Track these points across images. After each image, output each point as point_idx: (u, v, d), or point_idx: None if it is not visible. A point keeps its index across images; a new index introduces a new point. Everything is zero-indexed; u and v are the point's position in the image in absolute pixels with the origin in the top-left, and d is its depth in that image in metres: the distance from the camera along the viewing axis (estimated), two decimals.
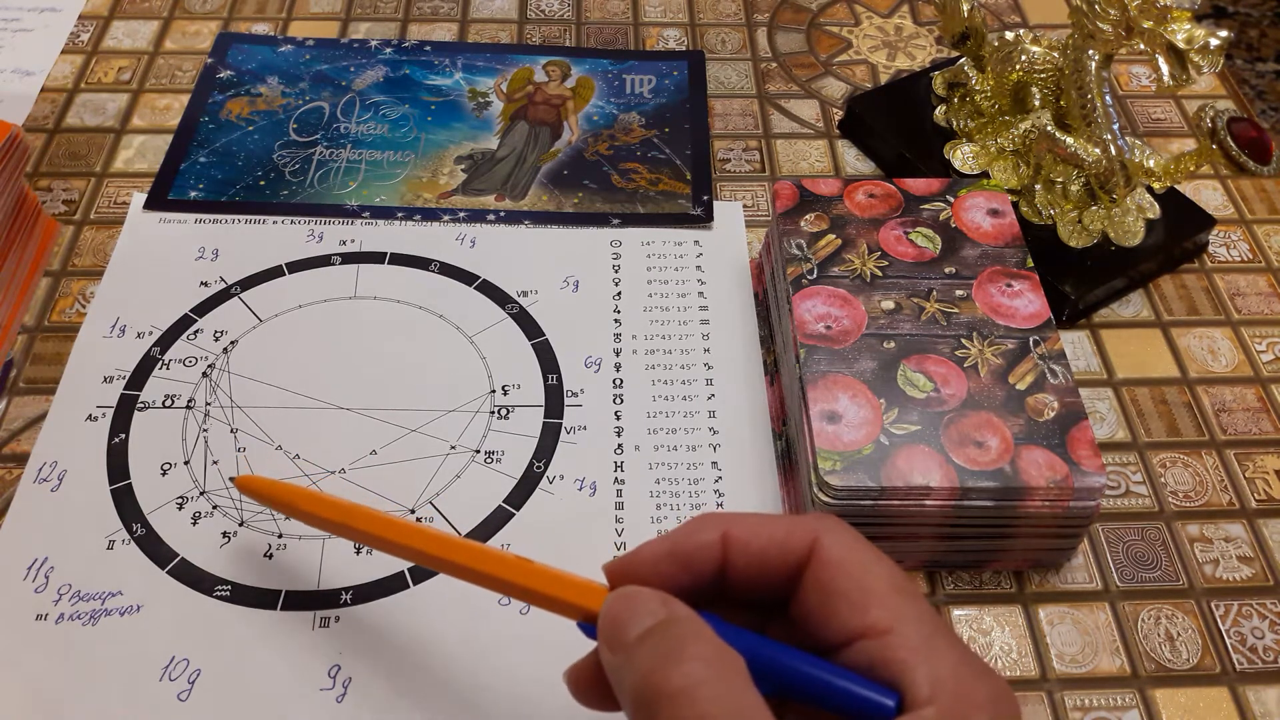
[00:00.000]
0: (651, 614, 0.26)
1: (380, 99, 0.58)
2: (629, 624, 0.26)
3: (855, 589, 0.26)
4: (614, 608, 0.27)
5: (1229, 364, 0.48)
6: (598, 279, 0.50)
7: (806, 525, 0.28)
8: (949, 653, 0.25)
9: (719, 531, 0.28)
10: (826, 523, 0.28)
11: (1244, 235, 0.54)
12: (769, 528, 0.28)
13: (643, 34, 0.64)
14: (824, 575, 0.27)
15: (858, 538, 0.28)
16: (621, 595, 0.27)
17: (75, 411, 0.44)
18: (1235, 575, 0.41)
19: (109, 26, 0.63)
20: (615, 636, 0.27)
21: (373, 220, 0.52)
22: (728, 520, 0.28)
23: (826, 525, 0.28)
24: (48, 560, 0.39)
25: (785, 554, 0.27)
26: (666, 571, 0.28)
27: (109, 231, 0.51)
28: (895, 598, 0.26)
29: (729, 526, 0.28)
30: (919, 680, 0.24)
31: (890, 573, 0.27)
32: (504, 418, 0.44)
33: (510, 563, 0.30)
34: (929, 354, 0.41)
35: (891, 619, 0.25)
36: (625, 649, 0.26)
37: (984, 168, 0.53)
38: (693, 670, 0.24)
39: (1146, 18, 0.43)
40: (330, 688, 0.37)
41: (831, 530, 0.27)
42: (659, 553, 0.28)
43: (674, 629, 0.26)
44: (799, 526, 0.28)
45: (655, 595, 0.27)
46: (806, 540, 0.27)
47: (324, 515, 0.34)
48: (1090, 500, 0.38)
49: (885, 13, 0.66)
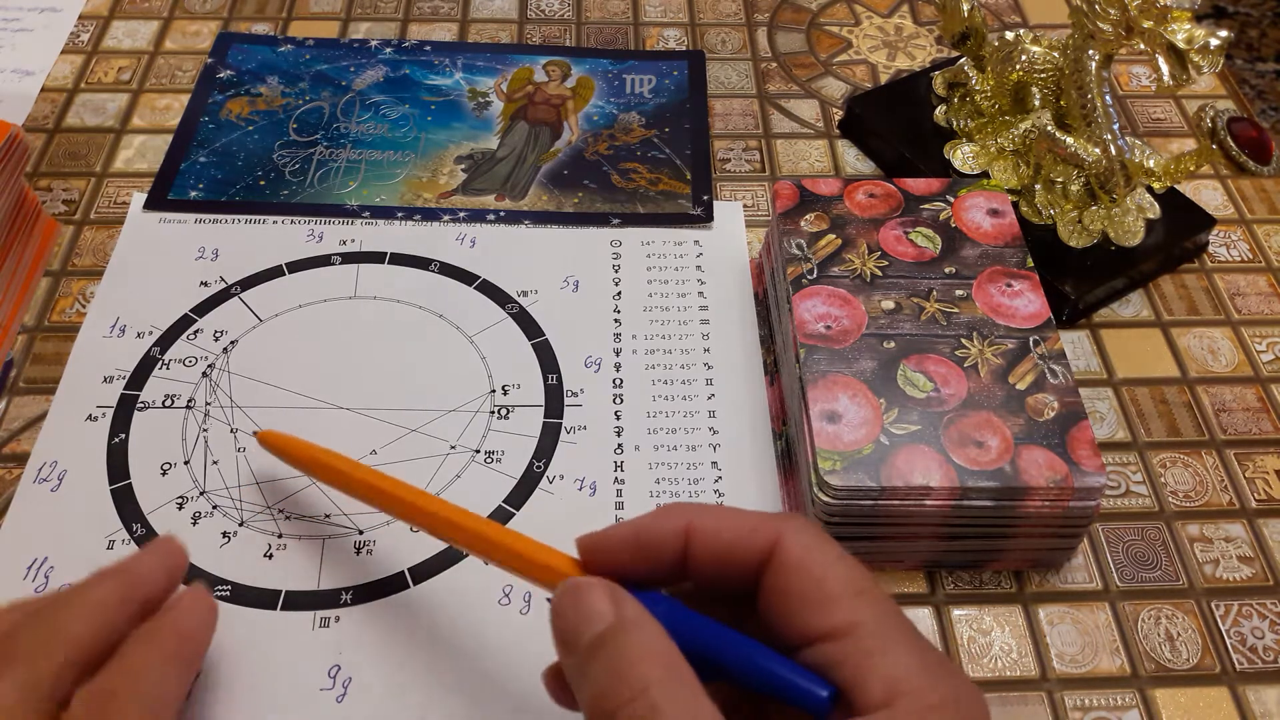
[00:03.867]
0: (600, 616, 0.26)
1: (380, 99, 0.58)
2: (579, 626, 0.26)
3: (814, 591, 0.26)
4: (562, 603, 0.27)
5: (1229, 364, 0.48)
6: (598, 279, 0.50)
7: (770, 524, 0.27)
8: (907, 654, 0.25)
9: (683, 522, 0.28)
10: (791, 523, 0.28)
11: (1244, 235, 0.54)
12: (733, 523, 0.28)
13: (643, 34, 0.64)
14: (783, 577, 0.27)
15: (821, 538, 0.27)
16: (570, 590, 0.27)
17: (75, 411, 0.44)
18: (1235, 575, 0.41)
19: (109, 26, 0.63)
20: (566, 637, 0.27)
21: (373, 220, 0.52)
22: (694, 511, 0.28)
23: (791, 525, 0.27)
24: (48, 560, 0.39)
25: (747, 551, 0.27)
26: (627, 557, 0.28)
27: (109, 231, 0.51)
28: (854, 600, 0.26)
29: (694, 518, 0.28)
30: (873, 683, 0.24)
31: (851, 574, 0.26)
32: (504, 418, 0.44)
33: (493, 526, 0.32)
34: (929, 354, 0.41)
35: (849, 622, 0.25)
36: (577, 653, 0.26)
37: (984, 168, 0.53)
38: (650, 696, 0.24)
39: (1146, 18, 0.43)
40: (330, 688, 0.37)
41: (794, 531, 0.27)
42: (623, 537, 0.28)
43: (625, 642, 0.25)
44: (763, 525, 0.28)
45: (604, 591, 0.27)
46: (769, 539, 0.27)
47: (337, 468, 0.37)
48: (1090, 500, 0.38)
49: (885, 13, 0.66)
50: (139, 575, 0.33)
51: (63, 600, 0.31)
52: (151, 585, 0.33)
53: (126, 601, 0.32)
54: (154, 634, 0.32)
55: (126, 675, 0.30)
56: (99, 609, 0.31)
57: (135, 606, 0.32)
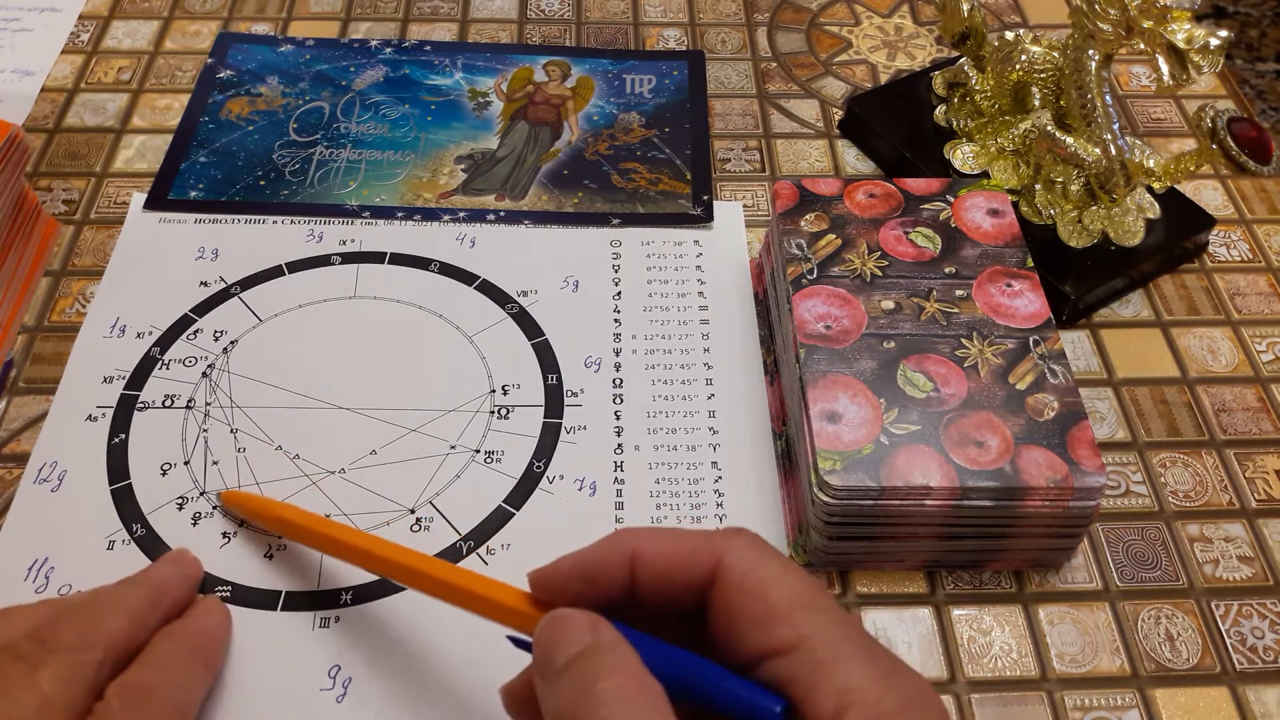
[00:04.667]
0: (577, 641, 0.26)
1: (380, 99, 0.58)
2: (555, 651, 0.26)
3: (758, 608, 0.26)
4: (544, 633, 0.27)
5: (1229, 364, 0.48)
6: (598, 279, 0.50)
7: (713, 543, 0.27)
8: (857, 663, 0.25)
9: (628, 549, 0.28)
10: (734, 540, 0.28)
11: (1244, 235, 0.54)
12: (675, 547, 0.28)
13: (643, 34, 0.64)
14: (727, 596, 0.27)
15: (765, 552, 0.27)
16: (552, 619, 0.27)
17: (75, 411, 0.44)
18: (1235, 575, 0.41)
19: (109, 26, 0.63)
20: (543, 664, 0.27)
21: (373, 220, 0.52)
22: (638, 537, 0.28)
23: (734, 544, 0.27)
24: (48, 560, 0.39)
25: (691, 573, 0.27)
26: (575, 588, 0.28)
27: (109, 231, 0.51)
28: (799, 613, 0.26)
29: (638, 544, 0.28)
30: (823, 696, 0.24)
31: (796, 587, 0.26)
32: (504, 417, 0.44)
33: (445, 566, 0.32)
34: (929, 354, 0.41)
35: (795, 636, 0.25)
36: (552, 676, 0.26)
37: (984, 168, 0.53)
38: (604, 708, 0.24)
39: (1146, 18, 0.43)
40: (330, 688, 0.37)
41: (737, 549, 0.27)
42: (570, 568, 0.28)
43: (593, 661, 0.25)
44: (705, 545, 0.27)
45: (585, 619, 0.27)
46: (710, 561, 0.27)
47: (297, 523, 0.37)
48: (1090, 500, 0.38)
49: (885, 13, 0.66)
50: (162, 583, 0.35)
51: (98, 600, 0.33)
52: (174, 593, 0.35)
53: (155, 606, 0.34)
54: (180, 634, 0.34)
55: (158, 669, 0.32)
56: (132, 610, 0.33)
57: (161, 611, 0.34)
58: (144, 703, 0.31)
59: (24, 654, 0.30)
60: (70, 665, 0.30)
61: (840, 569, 0.41)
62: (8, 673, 0.30)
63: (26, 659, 0.30)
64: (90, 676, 0.30)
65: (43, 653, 0.30)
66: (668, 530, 0.29)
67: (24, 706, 0.29)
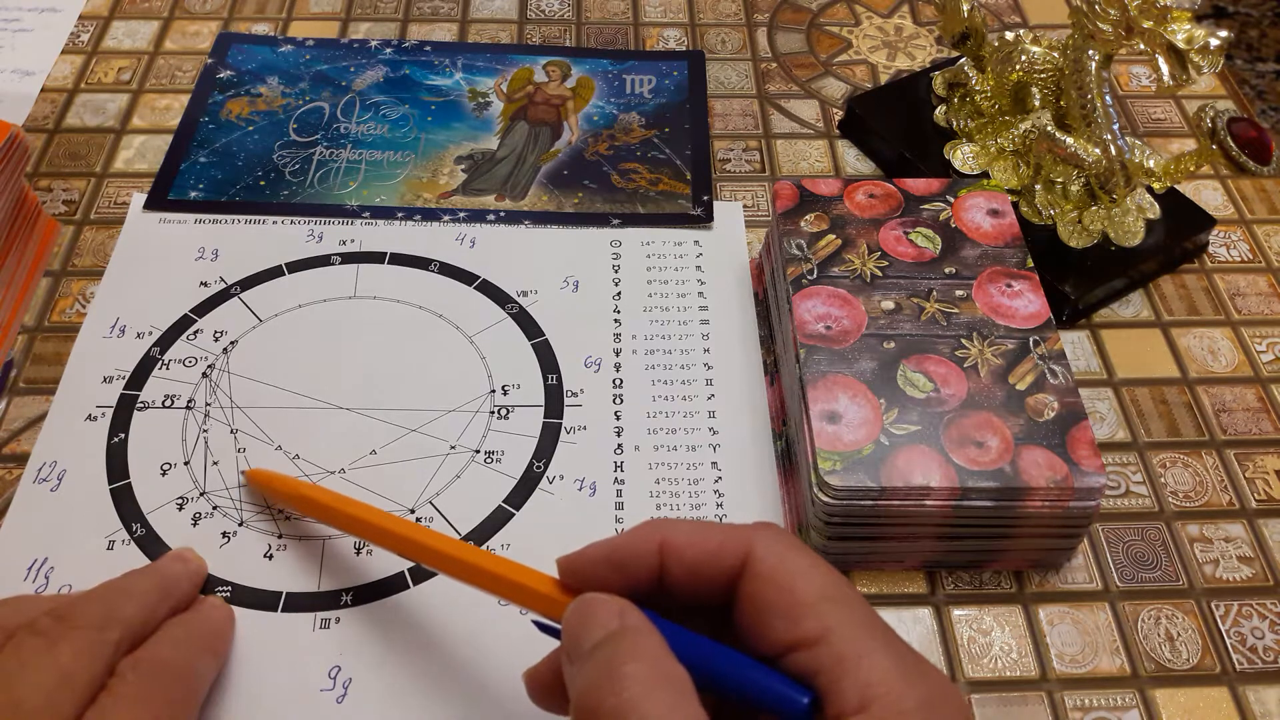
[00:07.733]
0: (605, 625, 0.27)
1: (380, 99, 0.58)
2: (583, 635, 0.27)
3: (785, 601, 0.26)
4: (573, 616, 0.28)
5: (1229, 364, 0.48)
6: (598, 279, 0.50)
7: (741, 536, 0.28)
8: (881, 659, 0.25)
9: (658, 538, 0.28)
10: (762, 533, 0.28)
11: (1244, 235, 0.54)
12: (704, 538, 0.28)
13: (643, 34, 0.64)
14: (755, 587, 0.27)
15: (793, 545, 0.28)
16: (581, 603, 0.28)
17: (75, 411, 0.44)
18: (1235, 575, 0.41)
19: (109, 27, 0.63)
20: (572, 647, 0.27)
21: (373, 220, 0.52)
22: (668, 527, 0.28)
23: (762, 536, 0.28)
24: (48, 560, 0.39)
25: (720, 564, 0.28)
26: (604, 575, 0.29)
27: (109, 231, 0.51)
28: (826, 606, 0.26)
29: (668, 534, 0.28)
30: (847, 690, 0.24)
31: (824, 580, 0.27)
32: (504, 418, 0.44)
33: (474, 550, 0.33)
34: (929, 354, 0.41)
35: (821, 629, 0.25)
36: (579, 659, 0.26)
37: (984, 168, 0.53)
38: (629, 691, 0.24)
39: (1146, 18, 0.43)
40: (330, 688, 0.37)
41: (765, 541, 0.27)
42: (599, 556, 0.29)
43: (620, 645, 0.26)
44: (734, 537, 0.28)
45: (613, 605, 0.27)
46: (739, 552, 0.27)
47: (325, 503, 0.38)
48: (1090, 500, 0.38)
49: (885, 13, 0.66)
50: (171, 576, 0.36)
51: (114, 587, 0.34)
52: (182, 586, 0.36)
53: (165, 596, 0.35)
54: (189, 622, 0.35)
55: (172, 646, 0.33)
56: (144, 596, 0.34)
57: (170, 602, 0.35)
58: (157, 677, 0.32)
59: (44, 630, 0.31)
60: (89, 642, 0.31)
61: (840, 569, 0.40)
62: (30, 645, 0.31)
63: (46, 634, 0.31)
64: (108, 654, 0.31)
65: (63, 629, 0.31)
66: (697, 522, 0.29)
67: (45, 678, 0.30)
